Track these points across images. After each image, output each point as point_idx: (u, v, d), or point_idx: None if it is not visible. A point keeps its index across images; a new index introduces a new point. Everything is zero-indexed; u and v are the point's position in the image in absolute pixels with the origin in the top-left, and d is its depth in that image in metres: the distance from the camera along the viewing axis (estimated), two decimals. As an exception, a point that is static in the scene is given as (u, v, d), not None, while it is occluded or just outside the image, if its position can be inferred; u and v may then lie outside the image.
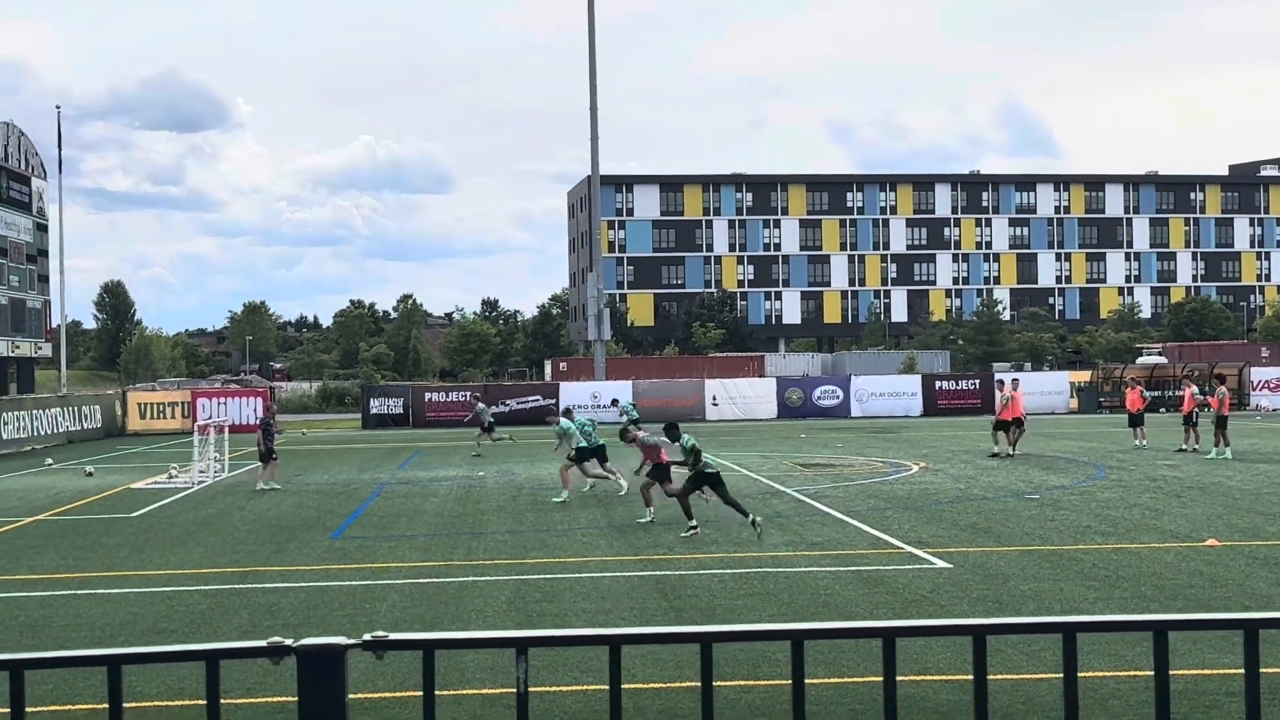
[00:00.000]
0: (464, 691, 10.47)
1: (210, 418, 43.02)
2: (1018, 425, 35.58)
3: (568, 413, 28.94)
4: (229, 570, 17.71)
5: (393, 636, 3.35)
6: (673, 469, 21.54)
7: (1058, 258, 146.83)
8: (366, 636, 3.35)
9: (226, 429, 35.07)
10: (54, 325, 58.64)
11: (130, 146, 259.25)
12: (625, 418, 31.32)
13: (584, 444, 26.32)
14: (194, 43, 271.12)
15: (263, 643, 3.34)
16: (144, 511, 25.25)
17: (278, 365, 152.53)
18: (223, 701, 3.44)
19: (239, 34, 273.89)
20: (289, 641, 3.33)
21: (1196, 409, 36.44)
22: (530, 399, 62.28)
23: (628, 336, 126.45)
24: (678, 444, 20.98)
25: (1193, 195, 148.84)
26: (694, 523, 20.04)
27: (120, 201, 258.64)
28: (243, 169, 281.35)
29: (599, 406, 61.41)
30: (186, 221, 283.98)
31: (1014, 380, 39.68)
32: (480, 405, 42.50)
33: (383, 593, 15.69)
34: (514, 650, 3.45)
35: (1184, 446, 35.86)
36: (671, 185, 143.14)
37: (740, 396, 62.95)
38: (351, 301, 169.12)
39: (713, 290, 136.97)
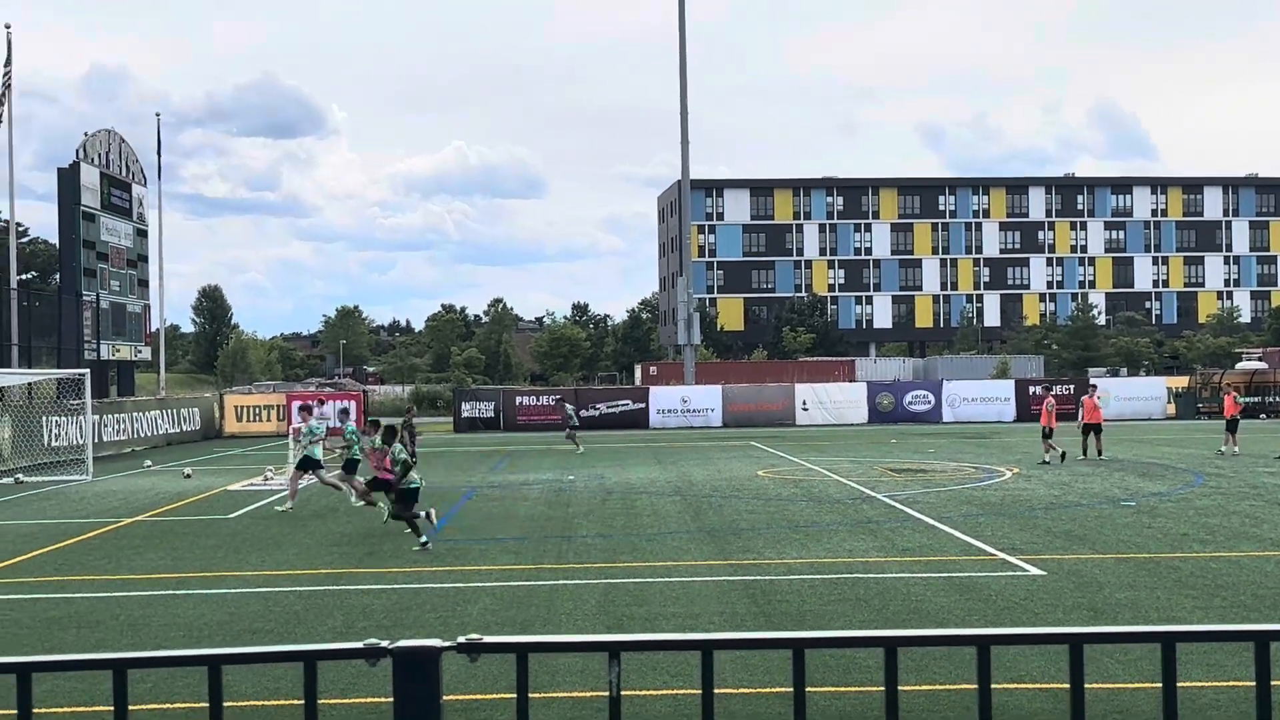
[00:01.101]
0: (555, 694, 10.51)
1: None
2: (1096, 431, 35.40)
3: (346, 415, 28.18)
4: (323, 571, 17.92)
5: (487, 640, 3.37)
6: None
7: (1155, 261, 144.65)
8: (461, 639, 3.37)
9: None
10: (153, 329, 59.69)
11: (227, 153, 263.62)
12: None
13: (356, 456, 26.36)
14: (289, 50, 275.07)
15: (359, 644, 3.37)
16: (240, 513, 25.62)
17: (371, 369, 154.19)
18: (318, 702, 3.49)
19: (333, 41, 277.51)
20: (384, 643, 3.37)
21: None
22: (620, 403, 62.40)
23: (718, 341, 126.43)
24: (390, 450, 20.86)
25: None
26: (425, 539, 19.91)
27: (217, 207, 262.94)
28: (336, 175, 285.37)
29: (689, 411, 61.52)
30: (281, 227, 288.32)
31: (1093, 386, 39.39)
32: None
33: (474, 595, 15.80)
34: (606, 654, 3.46)
35: None
36: (762, 189, 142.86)
37: (830, 401, 62.68)
38: (443, 306, 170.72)
39: (803, 294, 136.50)
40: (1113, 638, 3.56)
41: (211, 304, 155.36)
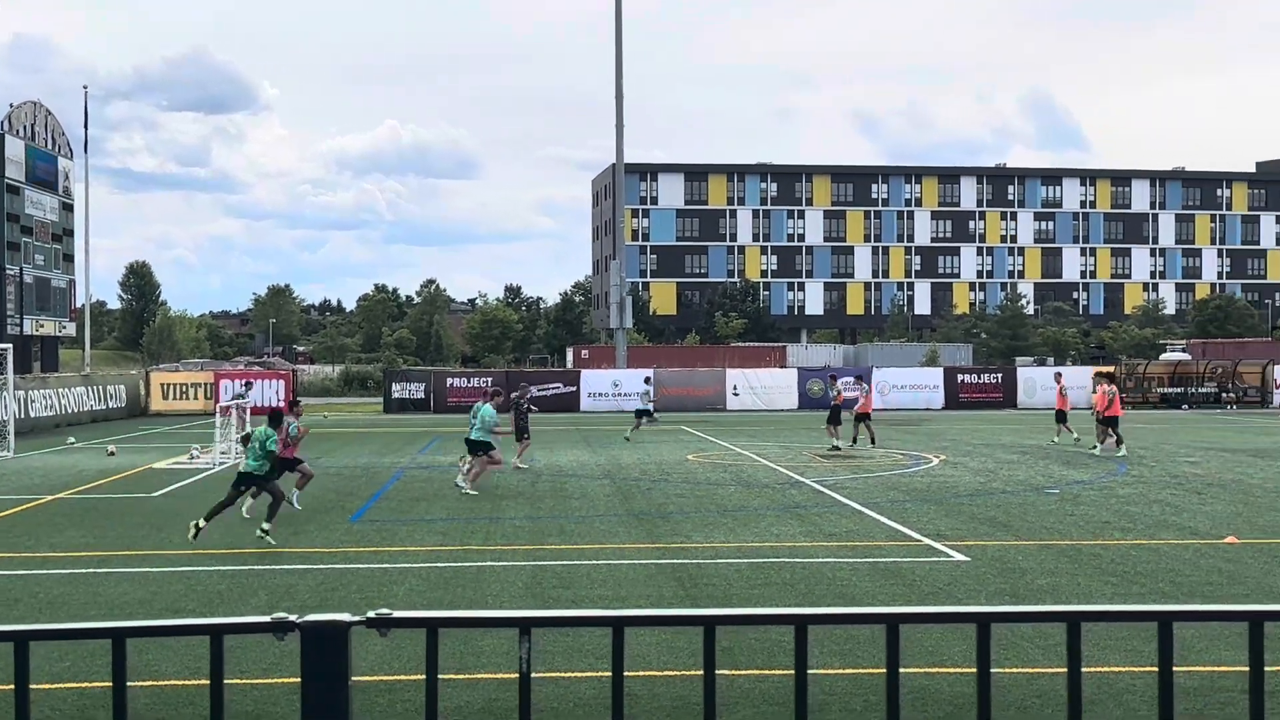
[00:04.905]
0: (478, 676, 10.49)
1: (233, 399, 43.15)
2: (863, 419, 36.78)
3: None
4: (248, 551, 17.78)
5: (396, 614, 3.35)
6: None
7: (1083, 252, 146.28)
8: (371, 613, 3.34)
9: (249, 410, 35.15)
10: (78, 305, 58.90)
11: (156, 127, 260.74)
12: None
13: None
14: (221, 24, 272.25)
15: (266, 618, 3.34)
16: (165, 491, 25.36)
17: (301, 348, 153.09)
18: (237, 682, 3.46)
19: (266, 16, 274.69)
20: (293, 617, 3.33)
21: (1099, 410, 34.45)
22: (552, 386, 62.30)
23: (650, 325, 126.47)
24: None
25: (1219, 192, 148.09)
26: None
27: (145, 182, 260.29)
28: (268, 151, 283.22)
29: (620, 395, 61.53)
30: (211, 203, 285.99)
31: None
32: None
33: (400, 576, 15.74)
34: (517, 630, 3.44)
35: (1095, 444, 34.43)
36: (696, 174, 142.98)
37: (761, 387, 62.88)
38: (375, 286, 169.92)
39: (735, 280, 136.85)
40: (1019, 617, 3.59)
41: (139, 280, 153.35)
